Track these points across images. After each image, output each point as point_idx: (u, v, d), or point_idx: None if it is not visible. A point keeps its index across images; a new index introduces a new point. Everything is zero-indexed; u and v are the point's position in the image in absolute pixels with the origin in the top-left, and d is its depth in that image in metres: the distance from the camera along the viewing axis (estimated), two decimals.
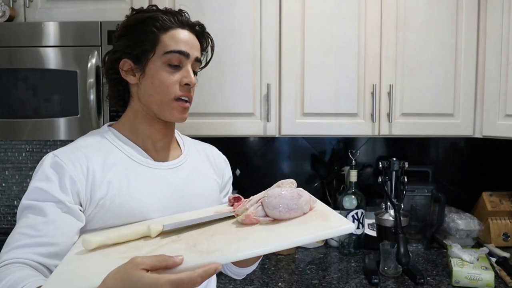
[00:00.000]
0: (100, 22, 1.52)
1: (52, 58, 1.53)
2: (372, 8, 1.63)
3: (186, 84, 0.95)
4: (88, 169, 0.89)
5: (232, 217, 0.86)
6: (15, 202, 2.01)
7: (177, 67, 0.95)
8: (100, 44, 1.52)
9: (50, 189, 0.84)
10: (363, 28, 1.64)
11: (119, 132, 0.99)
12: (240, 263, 1.06)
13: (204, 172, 1.08)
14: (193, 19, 1.00)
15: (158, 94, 0.94)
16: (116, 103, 1.02)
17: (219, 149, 1.22)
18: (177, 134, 1.11)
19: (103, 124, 1.51)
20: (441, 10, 1.64)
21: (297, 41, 1.64)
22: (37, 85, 1.54)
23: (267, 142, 2.03)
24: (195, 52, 0.97)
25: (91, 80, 1.48)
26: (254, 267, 1.10)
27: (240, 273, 1.12)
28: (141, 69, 0.94)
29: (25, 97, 1.54)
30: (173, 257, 0.64)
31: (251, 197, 0.86)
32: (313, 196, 0.86)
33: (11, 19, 1.59)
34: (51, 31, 1.53)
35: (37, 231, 0.81)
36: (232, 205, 0.92)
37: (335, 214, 0.79)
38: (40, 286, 0.69)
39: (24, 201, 0.85)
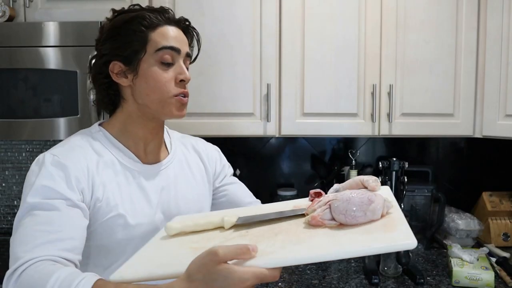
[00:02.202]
0: (100, 22, 1.52)
1: (52, 58, 1.53)
2: (372, 8, 1.63)
3: (182, 80, 0.95)
4: (88, 169, 0.89)
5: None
6: (15, 202, 2.01)
7: (170, 65, 0.94)
8: None
9: (58, 187, 0.83)
10: (363, 28, 1.64)
11: (109, 133, 0.97)
12: None
13: (190, 171, 1.08)
14: (193, 19, 1.00)
15: (155, 93, 0.93)
16: (106, 107, 1.00)
17: (220, 149, 1.22)
18: (166, 131, 1.10)
19: None
20: (441, 10, 1.64)
21: (297, 41, 1.64)
22: (37, 85, 1.54)
23: (267, 142, 2.03)
24: (185, 47, 0.97)
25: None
26: None
27: None
28: (133, 70, 0.93)
29: (25, 97, 1.54)
30: (249, 248, 0.62)
31: (323, 196, 0.81)
32: (391, 201, 0.77)
33: (11, 19, 1.59)
34: (51, 31, 1.53)
35: (56, 227, 0.79)
36: (312, 200, 0.86)
37: (403, 225, 0.71)
38: (98, 279, 0.67)
39: (31, 199, 0.82)
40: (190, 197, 1.05)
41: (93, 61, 0.97)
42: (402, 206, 1.63)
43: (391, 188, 1.67)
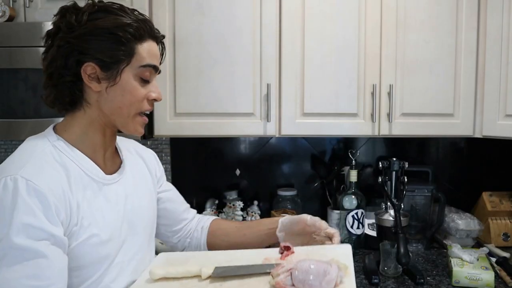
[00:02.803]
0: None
1: None
2: (372, 8, 1.63)
3: (154, 99, 0.93)
4: (63, 192, 0.81)
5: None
6: None
7: (146, 82, 0.91)
8: None
9: (40, 223, 0.75)
10: (363, 28, 1.64)
11: (68, 142, 0.89)
12: None
13: (141, 178, 1.04)
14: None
15: (127, 107, 0.89)
16: (63, 107, 0.90)
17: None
18: None
19: None
20: (441, 10, 1.64)
21: (297, 41, 1.64)
22: (37, 85, 1.54)
23: (267, 142, 2.03)
24: (159, 65, 0.95)
25: None
26: None
27: None
28: (109, 78, 0.87)
29: (25, 97, 1.54)
30: None
31: (286, 262, 0.90)
32: (347, 266, 0.88)
33: (11, 19, 1.59)
34: None
35: (45, 279, 0.74)
36: (282, 253, 0.97)
37: None
38: None
39: (15, 239, 0.72)
40: (146, 205, 1.03)
41: (57, 50, 0.85)
42: (402, 206, 1.63)
43: (391, 188, 1.67)
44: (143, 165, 1.08)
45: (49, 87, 0.88)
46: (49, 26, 1.52)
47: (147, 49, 0.90)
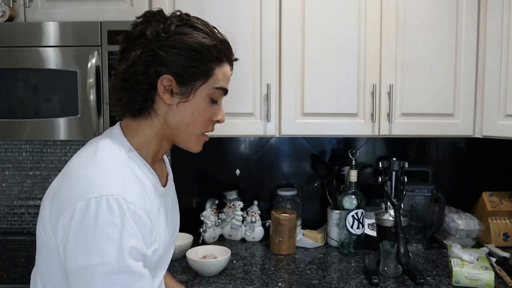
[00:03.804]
0: (100, 22, 1.53)
1: (52, 58, 1.53)
2: (372, 8, 1.63)
3: (217, 121, 0.94)
4: (149, 213, 0.81)
5: None
6: (15, 202, 2.01)
7: (215, 102, 0.92)
8: (100, 44, 1.52)
9: (142, 247, 0.76)
10: (363, 28, 1.64)
11: (139, 154, 0.88)
12: None
13: (171, 185, 1.04)
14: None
15: (194, 125, 0.90)
16: (131, 113, 0.89)
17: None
18: None
19: (103, 125, 1.53)
20: (441, 10, 1.64)
21: (297, 41, 1.64)
22: (37, 85, 1.54)
23: (267, 142, 2.03)
24: None
25: (91, 80, 1.48)
26: None
27: None
28: (182, 94, 0.87)
29: (25, 97, 1.54)
30: None
31: None
32: None
33: (11, 19, 1.59)
34: (51, 31, 1.53)
35: None
36: None
37: None
38: None
39: (128, 261, 0.73)
40: (178, 215, 1.07)
41: (138, 56, 0.84)
42: (402, 206, 1.62)
43: (391, 188, 1.67)
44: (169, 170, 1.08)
45: (121, 90, 0.87)
46: (49, 26, 1.53)
47: (223, 72, 0.91)
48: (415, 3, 1.63)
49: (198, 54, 0.85)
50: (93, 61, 1.50)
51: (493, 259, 1.59)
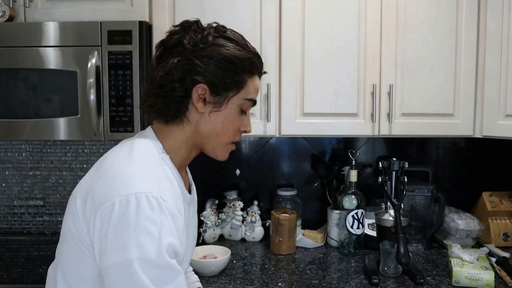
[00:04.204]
0: (100, 22, 1.53)
1: (52, 58, 1.53)
2: (372, 8, 1.63)
3: (244, 131, 0.97)
4: (180, 213, 0.84)
5: None
6: (15, 202, 2.01)
7: (244, 113, 0.96)
8: (100, 44, 1.52)
9: (176, 244, 0.79)
10: (363, 28, 1.64)
11: (170, 159, 0.91)
12: None
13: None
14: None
15: (224, 135, 0.94)
16: (164, 118, 0.92)
17: None
18: None
19: (103, 125, 1.53)
20: (441, 10, 1.64)
21: (297, 41, 1.64)
22: (37, 85, 1.54)
23: (267, 142, 2.03)
24: None
25: (91, 80, 1.48)
26: None
27: None
28: (215, 103, 0.90)
29: (25, 97, 1.54)
30: None
31: None
32: None
33: (11, 19, 1.59)
34: (51, 31, 1.53)
35: None
36: None
37: None
38: None
39: (167, 258, 0.75)
40: (197, 227, 1.09)
41: (176, 64, 0.87)
42: (402, 206, 1.62)
43: (391, 188, 1.67)
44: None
45: (155, 96, 0.89)
46: (49, 26, 1.53)
47: (254, 84, 0.94)
48: (415, 3, 1.63)
49: (233, 66, 0.89)
50: (93, 61, 1.50)
51: (493, 259, 1.59)
